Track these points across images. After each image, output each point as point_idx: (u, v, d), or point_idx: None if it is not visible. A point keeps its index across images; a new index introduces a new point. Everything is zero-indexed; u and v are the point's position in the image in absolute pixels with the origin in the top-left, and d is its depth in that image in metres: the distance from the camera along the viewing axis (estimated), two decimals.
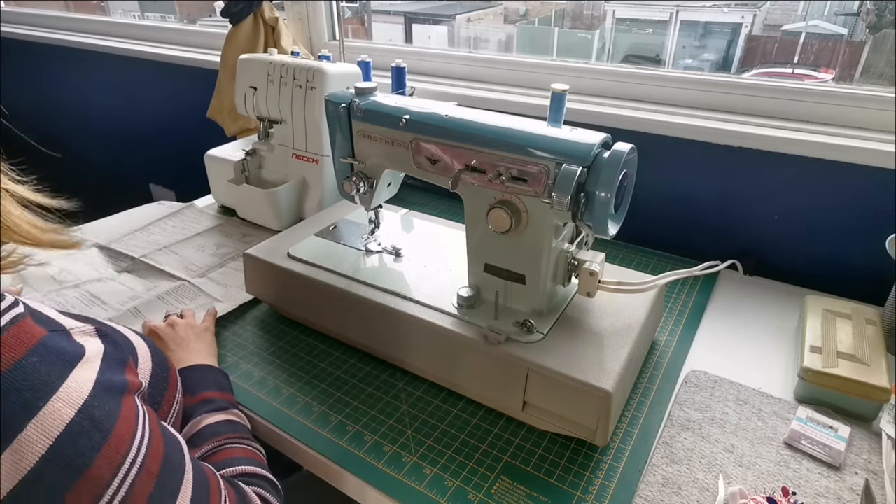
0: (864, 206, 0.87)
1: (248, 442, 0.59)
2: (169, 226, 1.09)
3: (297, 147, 1.05)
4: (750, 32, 1.94)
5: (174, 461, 0.43)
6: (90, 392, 0.39)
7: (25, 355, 0.37)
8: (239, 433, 0.59)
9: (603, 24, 2.04)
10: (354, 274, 0.75)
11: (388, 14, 2.22)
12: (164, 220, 1.11)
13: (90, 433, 0.38)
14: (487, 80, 1.23)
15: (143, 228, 1.07)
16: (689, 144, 0.95)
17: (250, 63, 1.05)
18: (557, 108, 0.65)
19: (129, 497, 0.39)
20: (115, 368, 0.43)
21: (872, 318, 0.73)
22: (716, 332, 0.81)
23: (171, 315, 0.77)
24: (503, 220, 0.62)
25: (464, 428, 0.65)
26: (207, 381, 0.65)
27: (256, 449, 0.59)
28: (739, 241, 0.98)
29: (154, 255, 0.98)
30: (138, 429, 0.41)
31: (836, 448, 0.60)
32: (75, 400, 0.38)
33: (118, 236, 1.04)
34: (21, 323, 0.38)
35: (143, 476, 0.40)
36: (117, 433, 0.39)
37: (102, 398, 0.40)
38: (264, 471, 0.56)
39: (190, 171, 1.19)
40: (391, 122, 0.68)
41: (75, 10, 2.11)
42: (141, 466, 0.40)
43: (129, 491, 0.39)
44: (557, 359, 0.61)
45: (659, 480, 0.58)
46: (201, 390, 0.63)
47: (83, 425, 0.38)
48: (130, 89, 1.81)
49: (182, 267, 0.95)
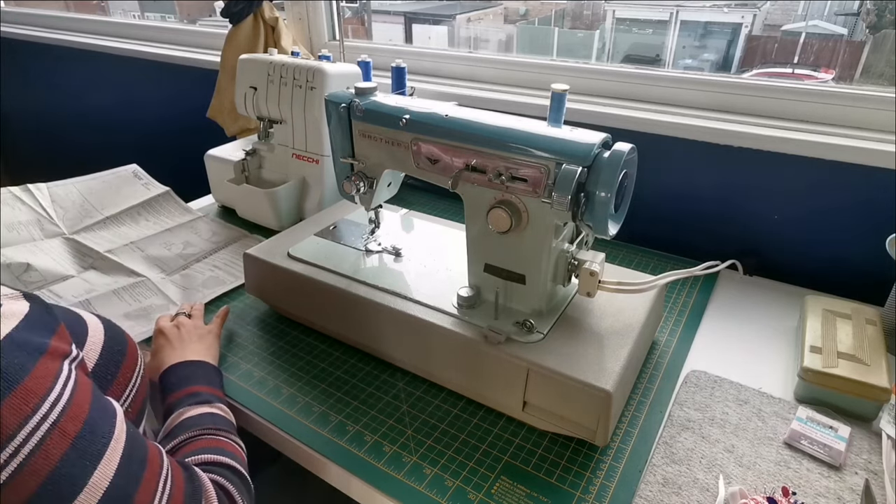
0: (864, 206, 0.87)
1: (227, 434, 0.59)
2: (141, 219, 1.08)
3: (297, 147, 1.05)
4: (750, 32, 1.94)
5: (99, 427, 0.44)
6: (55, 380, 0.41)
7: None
8: (218, 426, 0.59)
9: (603, 24, 2.04)
10: (354, 274, 0.75)
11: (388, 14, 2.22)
12: (137, 208, 1.09)
13: None
14: (487, 80, 1.23)
15: (114, 217, 1.06)
16: (689, 144, 0.95)
17: (250, 63, 1.05)
18: (557, 108, 0.65)
19: (38, 452, 0.39)
20: (38, 331, 0.44)
21: (872, 318, 0.73)
22: (716, 332, 0.81)
23: (180, 314, 0.77)
24: (503, 220, 0.62)
25: (464, 428, 0.65)
26: (197, 377, 0.65)
27: (234, 442, 0.59)
28: (739, 241, 0.98)
29: (119, 252, 0.98)
30: (55, 388, 0.42)
31: (836, 448, 0.60)
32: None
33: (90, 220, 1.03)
34: None
35: (55, 434, 0.40)
36: (25, 387, 0.40)
37: (12, 353, 0.41)
38: (236, 463, 0.55)
39: (190, 171, 1.19)
40: (391, 122, 0.68)
41: (75, 10, 2.11)
42: (53, 424, 0.41)
43: (37, 446, 0.39)
44: (557, 359, 0.61)
45: (659, 480, 0.58)
46: (188, 385, 0.63)
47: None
48: (130, 89, 1.81)
49: (145, 265, 0.95)
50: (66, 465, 0.40)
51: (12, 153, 2.37)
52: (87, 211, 1.06)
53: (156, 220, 1.08)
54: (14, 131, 2.30)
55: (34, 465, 0.39)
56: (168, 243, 1.02)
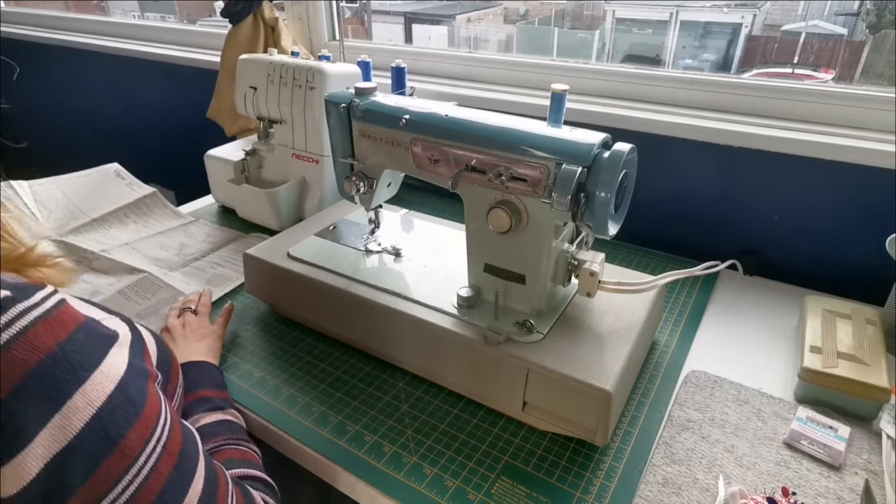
0: (864, 206, 0.87)
1: (245, 443, 0.60)
2: (129, 221, 1.06)
3: (297, 147, 1.05)
4: (750, 32, 1.94)
5: (189, 448, 0.45)
6: (125, 371, 0.42)
7: (74, 331, 0.40)
8: (235, 434, 0.60)
9: (603, 24, 2.05)
10: (354, 274, 0.75)
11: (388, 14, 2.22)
12: (124, 210, 1.07)
13: (125, 407, 0.41)
14: (487, 80, 1.23)
15: (100, 219, 1.04)
16: (689, 144, 0.95)
17: (250, 63, 1.05)
18: (557, 108, 0.65)
19: (153, 473, 0.41)
20: (140, 355, 0.45)
21: (872, 318, 0.73)
22: (716, 332, 0.81)
23: (187, 309, 0.77)
24: (503, 220, 0.62)
25: (464, 428, 0.65)
26: (205, 380, 0.65)
27: (252, 450, 0.59)
28: (739, 241, 0.97)
29: (114, 251, 0.96)
30: (161, 411, 0.44)
31: (836, 448, 0.60)
32: (114, 375, 0.41)
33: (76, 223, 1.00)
34: (66, 305, 0.41)
35: (165, 456, 0.42)
36: (146, 412, 0.42)
37: (134, 378, 0.42)
38: (261, 473, 0.56)
39: (190, 171, 1.19)
40: (391, 122, 0.68)
41: (75, 10, 2.11)
42: (164, 446, 0.43)
43: (153, 467, 0.41)
44: (557, 359, 0.61)
45: (659, 480, 0.58)
46: (198, 388, 0.63)
47: (121, 399, 0.40)
48: (130, 89, 1.81)
49: (145, 262, 0.93)
50: (171, 484, 0.42)
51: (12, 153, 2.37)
52: (73, 212, 1.04)
53: (144, 223, 1.06)
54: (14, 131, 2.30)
55: (149, 486, 0.41)
56: (164, 245, 1.01)
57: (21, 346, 0.36)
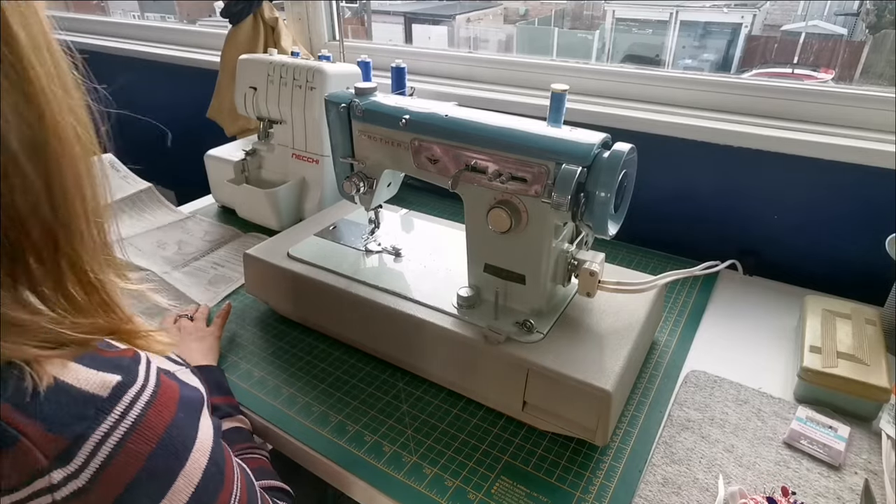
0: (864, 205, 0.87)
1: (257, 450, 0.60)
2: (125, 216, 1.05)
3: (297, 147, 1.05)
4: (749, 32, 1.94)
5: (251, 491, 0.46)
6: (213, 438, 0.41)
7: (177, 409, 0.38)
8: (247, 441, 0.60)
9: (603, 24, 2.05)
10: (354, 274, 0.75)
11: (388, 14, 2.22)
12: (119, 204, 1.06)
13: (216, 477, 0.41)
14: (487, 80, 1.23)
15: None
16: (688, 144, 0.95)
17: (250, 63, 1.05)
18: (557, 108, 0.66)
19: None
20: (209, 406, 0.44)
21: (872, 318, 0.73)
22: (716, 332, 0.81)
23: (183, 316, 0.77)
24: (503, 220, 0.62)
25: (464, 428, 0.65)
26: (210, 386, 0.65)
27: (265, 456, 0.60)
28: (739, 241, 0.97)
29: None
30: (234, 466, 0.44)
31: (835, 448, 0.60)
32: (206, 448, 0.40)
33: None
34: (162, 378, 0.39)
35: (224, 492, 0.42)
36: (227, 472, 0.42)
37: (218, 441, 0.42)
38: (278, 481, 0.57)
39: (190, 171, 1.19)
40: (391, 122, 0.68)
41: (75, 10, 2.11)
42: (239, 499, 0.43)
43: None
44: (557, 359, 0.61)
45: (659, 480, 0.58)
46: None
47: (213, 471, 0.40)
48: (130, 89, 1.81)
49: (145, 260, 0.92)
50: None
51: None
52: None
53: (139, 218, 1.05)
54: None
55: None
56: (161, 242, 1.01)
57: (135, 439, 0.35)
